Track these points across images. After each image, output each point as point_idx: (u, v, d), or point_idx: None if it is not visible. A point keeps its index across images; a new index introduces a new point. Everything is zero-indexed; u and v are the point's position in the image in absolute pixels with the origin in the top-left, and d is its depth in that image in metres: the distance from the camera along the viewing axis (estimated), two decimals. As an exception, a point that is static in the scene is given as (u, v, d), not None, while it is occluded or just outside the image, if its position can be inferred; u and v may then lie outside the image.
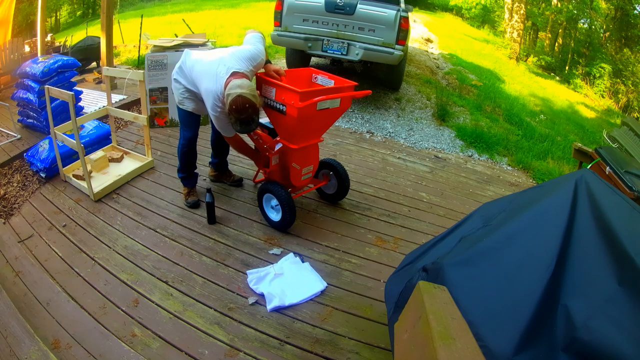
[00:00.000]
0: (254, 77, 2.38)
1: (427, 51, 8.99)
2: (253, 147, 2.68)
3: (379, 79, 5.51)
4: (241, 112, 2.02)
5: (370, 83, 5.41)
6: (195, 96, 2.43)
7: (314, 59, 5.81)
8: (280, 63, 5.91)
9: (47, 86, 2.75)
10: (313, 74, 2.66)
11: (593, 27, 15.74)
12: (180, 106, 2.49)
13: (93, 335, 1.78)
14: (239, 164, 3.31)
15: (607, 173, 2.63)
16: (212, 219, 2.56)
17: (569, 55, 15.98)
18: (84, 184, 2.79)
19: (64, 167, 2.96)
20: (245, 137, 2.61)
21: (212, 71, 2.18)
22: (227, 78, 2.13)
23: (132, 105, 4.46)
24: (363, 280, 2.20)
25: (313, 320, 1.93)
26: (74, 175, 2.92)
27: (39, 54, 4.87)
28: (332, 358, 1.74)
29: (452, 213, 2.95)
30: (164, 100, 3.85)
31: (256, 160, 2.68)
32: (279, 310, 1.97)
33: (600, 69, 14.26)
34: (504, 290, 1.20)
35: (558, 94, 10.96)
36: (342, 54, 4.41)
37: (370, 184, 3.23)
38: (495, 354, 1.08)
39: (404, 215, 2.85)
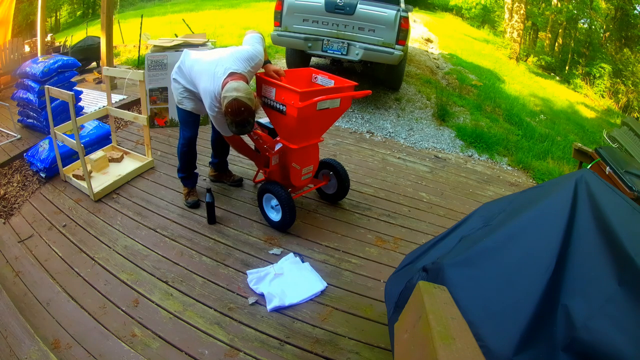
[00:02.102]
0: (254, 78, 2.38)
1: (427, 51, 8.99)
2: (253, 147, 2.68)
3: (379, 79, 5.51)
4: (236, 115, 2.03)
5: (370, 83, 5.41)
6: (194, 96, 2.43)
7: (314, 59, 5.81)
8: (280, 63, 5.91)
9: (47, 86, 2.75)
10: (313, 74, 2.66)
11: (593, 27, 15.75)
12: (180, 106, 2.50)
13: (93, 335, 1.78)
14: (239, 164, 3.31)
15: (607, 173, 2.63)
16: (212, 219, 2.56)
17: (569, 55, 15.99)
18: (84, 184, 2.79)
19: (64, 167, 2.96)
20: (245, 137, 2.61)
21: (210, 71, 2.19)
22: (225, 79, 2.13)
23: (132, 105, 4.46)
24: (363, 280, 2.20)
25: (313, 320, 1.93)
26: (74, 175, 2.92)
27: (39, 54, 4.87)
28: (332, 358, 1.74)
29: (452, 213, 2.95)
30: (164, 100, 3.85)
31: (255, 160, 2.68)
32: (279, 310, 1.96)
33: (600, 69, 14.26)
34: (504, 290, 1.19)
35: (558, 94, 10.96)
36: (342, 54, 4.41)
37: (370, 184, 3.23)
38: (495, 354, 1.08)
39: (404, 215, 2.85)
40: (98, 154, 3.12)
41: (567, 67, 15.64)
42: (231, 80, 2.11)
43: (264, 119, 2.67)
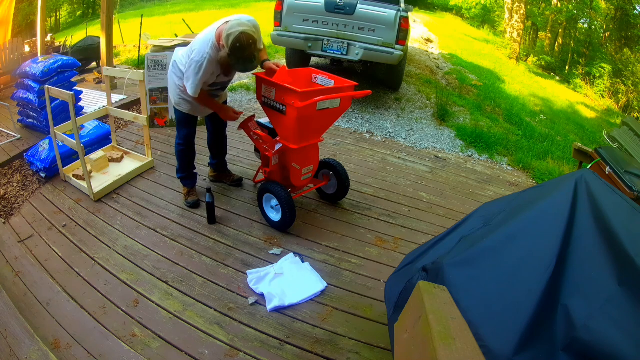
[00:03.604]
0: (253, 77, 2.38)
1: (427, 51, 8.99)
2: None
3: (379, 79, 5.51)
4: (245, 49, 2.01)
5: (370, 83, 5.41)
6: (192, 97, 2.44)
7: (314, 59, 5.81)
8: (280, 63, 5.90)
9: (47, 86, 2.75)
10: (313, 74, 2.65)
11: (593, 27, 15.76)
12: (177, 107, 2.50)
13: (93, 335, 1.78)
14: (239, 164, 3.31)
15: (607, 173, 2.63)
16: (212, 219, 2.56)
17: (569, 55, 16.00)
18: (84, 184, 2.79)
19: (64, 167, 2.96)
20: (245, 138, 2.59)
21: (205, 31, 2.21)
22: (221, 25, 2.14)
23: (132, 105, 4.46)
24: (363, 280, 2.20)
25: (313, 320, 1.93)
26: (74, 175, 2.92)
27: (39, 54, 4.87)
28: (332, 358, 1.74)
29: (452, 213, 2.95)
30: (164, 100, 3.85)
31: (221, 113, 2.55)
32: (279, 310, 1.97)
33: (600, 69, 14.27)
34: (504, 290, 1.19)
35: (558, 94, 10.96)
36: (342, 54, 4.41)
37: (370, 184, 3.23)
38: (495, 354, 1.08)
39: (404, 215, 2.85)
40: (98, 154, 3.12)
41: (567, 67, 15.65)
42: (231, 22, 2.08)
43: (264, 119, 2.67)
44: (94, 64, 6.05)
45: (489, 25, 17.68)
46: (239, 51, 2.02)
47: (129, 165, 3.14)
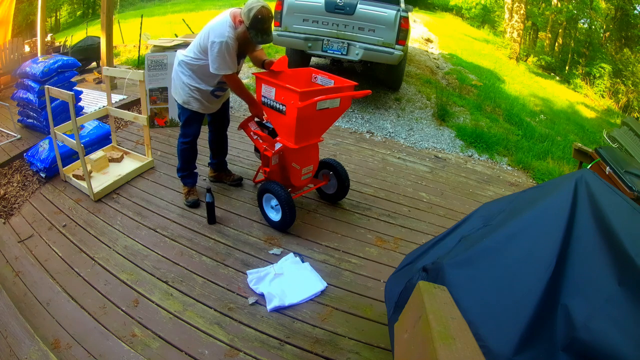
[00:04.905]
0: (253, 78, 2.38)
1: (427, 51, 8.99)
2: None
3: (379, 79, 5.51)
4: (265, 21, 2.19)
5: (370, 83, 5.41)
6: (201, 95, 2.44)
7: (314, 59, 5.81)
8: (280, 63, 5.89)
9: (47, 86, 2.75)
10: (313, 74, 2.65)
11: (593, 27, 15.76)
12: (186, 106, 2.50)
13: (93, 335, 1.78)
14: (239, 164, 3.31)
15: (607, 173, 2.63)
16: (212, 219, 2.56)
17: (569, 55, 16.00)
18: (84, 184, 2.79)
19: (64, 167, 2.96)
20: (245, 137, 2.60)
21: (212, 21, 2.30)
22: (234, 9, 2.26)
23: (132, 105, 4.46)
24: (363, 280, 2.20)
25: (313, 320, 1.93)
26: (74, 175, 2.92)
27: (39, 54, 4.87)
28: (332, 358, 1.74)
29: (452, 213, 2.95)
30: (164, 100, 3.85)
31: (251, 106, 2.61)
32: (279, 310, 1.97)
33: (600, 69, 14.28)
34: (504, 290, 1.19)
35: (558, 94, 10.96)
36: (342, 54, 4.41)
37: (370, 184, 3.23)
38: (495, 354, 1.08)
39: (404, 215, 2.85)
40: (98, 154, 3.12)
41: (567, 67, 15.66)
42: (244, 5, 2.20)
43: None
44: (94, 64, 6.05)
45: (489, 25, 17.68)
46: (260, 23, 2.16)
47: (129, 165, 3.14)
